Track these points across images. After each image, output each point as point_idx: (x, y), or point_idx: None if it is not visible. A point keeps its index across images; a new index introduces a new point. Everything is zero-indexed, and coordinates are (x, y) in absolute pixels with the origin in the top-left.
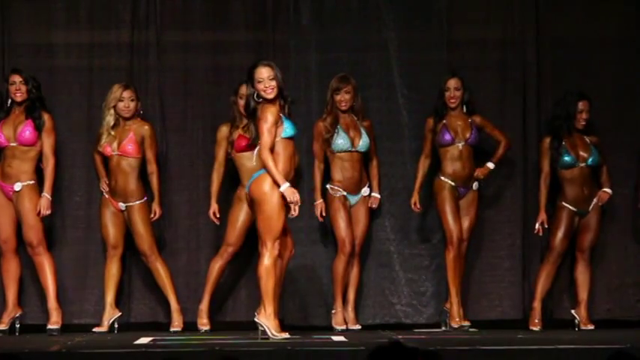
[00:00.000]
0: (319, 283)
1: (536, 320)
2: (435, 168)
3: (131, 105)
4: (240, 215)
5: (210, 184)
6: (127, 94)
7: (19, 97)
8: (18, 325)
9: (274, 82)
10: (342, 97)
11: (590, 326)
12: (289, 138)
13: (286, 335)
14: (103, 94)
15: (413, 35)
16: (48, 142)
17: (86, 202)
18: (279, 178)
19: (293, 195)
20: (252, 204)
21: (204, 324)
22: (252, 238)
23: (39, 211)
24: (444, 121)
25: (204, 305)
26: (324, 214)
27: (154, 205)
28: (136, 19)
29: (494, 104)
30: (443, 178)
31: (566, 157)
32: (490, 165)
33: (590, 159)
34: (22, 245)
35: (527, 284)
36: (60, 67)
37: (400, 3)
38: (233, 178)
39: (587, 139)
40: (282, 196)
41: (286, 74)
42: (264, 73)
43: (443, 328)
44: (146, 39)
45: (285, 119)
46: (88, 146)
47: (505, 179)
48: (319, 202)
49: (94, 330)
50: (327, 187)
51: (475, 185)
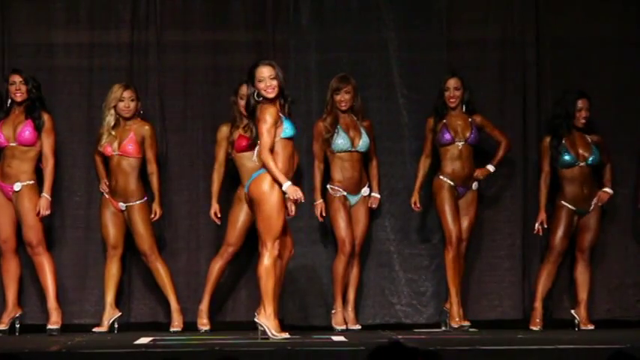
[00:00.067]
0: (319, 283)
1: (537, 320)
2: (436, 168)
3: (131, 105)
4: (241, 215)
5: (211, 184)
6: (127, 94)
7: (19, 97)
8: (18, 325)
9: (275, 82)
10: (342, 97)
11: (590, 326)
12: (289, 138)
13: (286, 335)
14: (103, 94)
15: (413, 35)
16: (47, 142)
17: (86, 202)
18: (280, 177)
19: (295, 192)
20: (252, 204)
21: (204, 324)
22: (252, 238)
23: (38, 212)
24: (444, 121)
25: (204, 305)
26: (324, 214)
27: (154, 205)
28: (136, 19)
29: (494, 104)
30: (442, 177)
31: (566, 156)
32: (490, 167)
33: (591, 158)
34: (21, 245)
35: (527, 284)
36: (60, 67)
37: (400, 3)
38: (233, 178)
39: (589, 137)
40: (284, 195)
41: (286, 74)
42: (265, 72)
43: (443, 328)
44: (146, 39)
45: (285, 119)
46: (87, 146)
47: (505, 179)
48: (319, 202)
49: (94, 330)
50: (327, 187)
51: (475, 185)
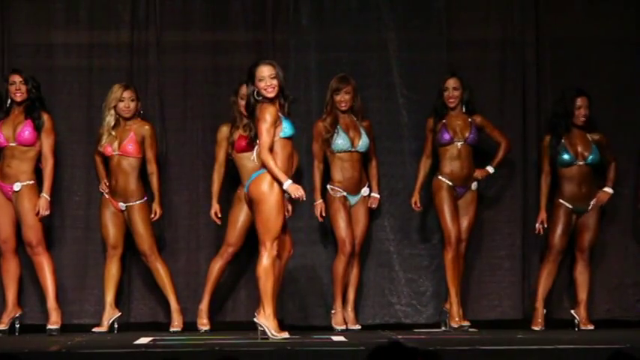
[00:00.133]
0: (319, 283)
1: (539, 320)
2: (436, 168)
3: (131, 105)
4: (241, 215)
5: (211, 184)
6: (127, 94)
7: (18, 97)
8: (18, 325)
9: (276, 81)
10: (342, 98)
11: (590, 326)
12: (288, 138)
13: (286, 335)
14: (102, 94)
15: (412, 35)
16: (47, 143)
17: (86, 202)
18: (280, 176)
19: (297, 191)
20: (251, 204)
21: (204, 324)
22: (252, 238)
23: (38, 212)
24: (443, 121)
25: (204, 305)
26: (323, 214)
27: (154, 205)
28: (136, 19)
29: (493, 104)
30: (440, 177)
31: (565, 155)
32: (490, 169)
33: (590, 157)
34: (21, 245)
35: (527, 284)
36: (60, 67)
37: (400, 3)
38: (234, 178)
39: (590, 136)
40: (285, 194)
41: (286, 74)
42: (265, 71)
43: (443, 328)
44: (146, 39)
45: (284, 119)
46: (87, 146)
47: (505, 179)
48: (319, 202)
49: (93, 330)
50: (328, 187)
51: (474, 185)
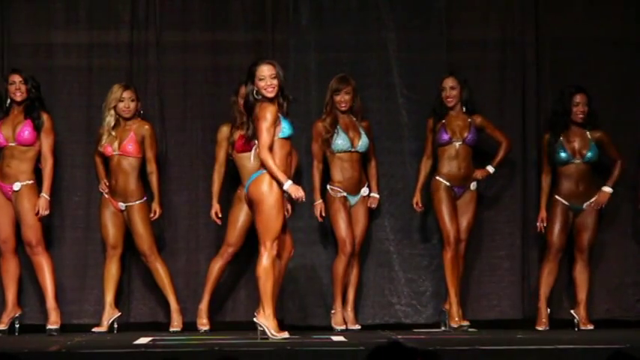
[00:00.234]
0: (319, 283)
1: (543, 320)
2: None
3: (131, 105)
4: (241, 215)
5: (211, 184)
6: (127, 94)
7: (18, 96)
8: (17, 325)
9: (276, 81)
10: (342, 98)
11: (590, 326)
12: (286, 138)
13: (286, 335)
14: (102, 94)
15: (412, 35)
16: (47, 142)
17: (85, 202)
18: (280, 176)
19: (297, 191)
20: (251, 204)
21: (203, 324)
22: (252, 238)
23: (37, 211)
24: (443, 121)
25: (203, 305)
26: (323, 214)
27: (153, 205)
28: (136, 19)
29: (493, 104)
30: (438, 177)
31: (562, 153)
32: (490, 169)
33: (589, 155)
34: (21, 245)
35: (526, 284)
36: (59, 67)
37: (400, 3)
38: (233, 178)
39: (589, 134)
40: (285, 194)
41: (286, 74)
42: (266, 71)
43: (442, 328)
44: (145, 39)
45: (283, 119)
46: (87, 146)
47: (505, 179)
48: (319, 202)
49: (93, 330)
50: (328, 187)
51: (473, 185)
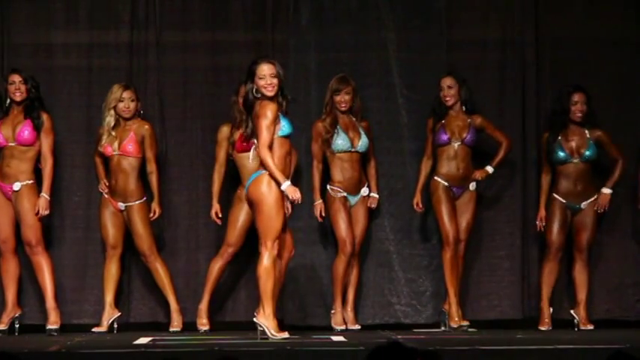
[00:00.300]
0: (319, 283)
1: (546, 320)
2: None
3: (131, 105)
4: (241, 215)
5: (211, 184)
6: (127, 94)
7: (18, 96)
8: (17, 325)
9: (276, 80)
10: (342, 98)
11: (590, 326)
12: (285, 136)
13: (285, 335)
14: (102, 94)
15: (412, 35)
16: (46, 142)
17: (85, 202)
18: (279, 176)
19: (294, 193)
20: (251, 205)
21: (203, 324)
22: (252, 238)
23: (37, 211)
24: (442, 121)
25: (203, 305)
26: (323, 214)
27: (153, 205)
28: (136, 19)
29: (493, 104)
30: (437, 178)
31: (560, 153)
32: (489, 169)
33: (587, 154)
34: (21, 245)
35: (526, 284)
36: (59, 67)
37: (400, 3)
38: (234, 178)
39: (588, 133)
40: (282, 195)
41: (286, 74)
42: (266, 70)
43: (442, 328)
44: (145, 39)
45: (283, 117)
46: (87, 146)
47: (505, 179)
48: (318, 202)
49: (93, 330)
50: (328, 187)
51: (472, 186)
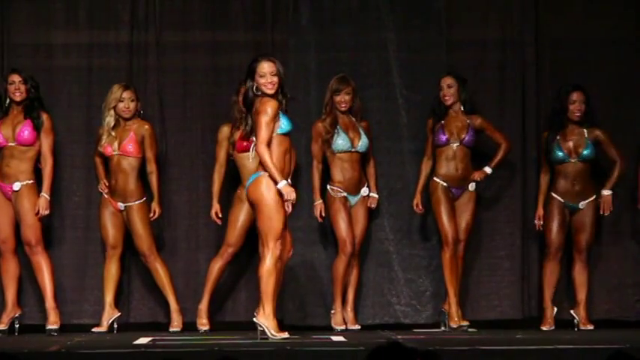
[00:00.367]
0: (319, 283)
1: (549, 320)
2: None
3: (131, 105)
4: (241, 215)
5: (211, 184)
6: (126, 94)
7: (18, 96)
8: (17, 325)
9: (276, 78)
10: (342, 98)
11: (590, 326)
12: (285, 134)
13: (285, 335)
14: (102, 94)
15: (412, 35)
16: (46, 142)
17: (85, 202)
18: (276, 174)
19: (289, 194)
20: (252, 206)
21: (203, 324)
22: (252, 238)
23: (37, 211)
24: (442, 122)
25: (203, 305)
26: (323, 214)
27: (153, 205)
28: (136, 19)
29: (493, 104)
30: (435, 178)
31: (558, 153)
32: (487, 170)
33: (585, 153)
34: (20, 245)
35: (526, 284)
36: (59, 67)
37: (400, 3)
38: (234, 178)
39: (586, 132)
40: (279, 193)
41: (286, 73)
42: (266, 68)
43: (442, 328)
44: (145, 39)
45: (282, 115)
46: (87, 146)
47: (504, 179)
48: (319, 202)
49: (93, 330)
50: (328, 188)
51: (471, 186)
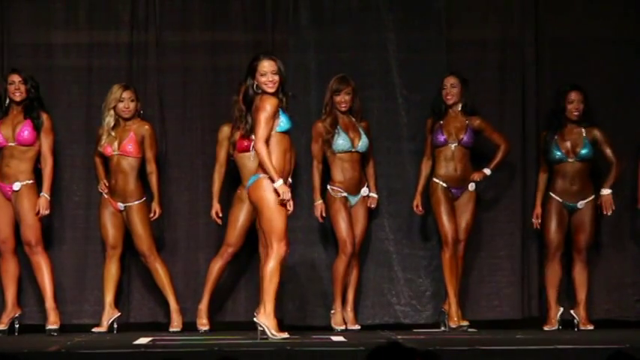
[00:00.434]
0: (319, 283)
1: (553, 320)
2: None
3: (131, 105)
4: (241, 215)
5: (212, 184)
6: (126, 94)
7: (17, 96)
8: (17, 325)
9: (277, 77)
10: (342, 98)
11: (590, 326)
12: (284, 132)
13: (285, 335)
14: (102, 94)
15: (412, 35)
16: (46, 142)
17: (85, 203)
18: (273, 172)
19: (285, 194)
20: (253, 207)
21: (203, 324)
22: (252, 238)
23: (38, 211)
24: (440, 122)
25: (203, 305)
26: (324, 214)
27: (153, 205)
28: (135, 19)
29: (493, 104)
30: (435, 179)
31: (556, 152)
32: (486, 171)
33: (582, 152)
34: (20, 245)
35: (526, 284)
36: (59, 67)
37: (400, 3)
38: (234, 178)
39: (585, 131)
40: (276, 192)
41: (286, 71)
42: (267, 66)
43: (442, 328)
44: (145, 39)
45: (282, 113)
46: (86, 146)
47: (504, 179)
48: (319, 202)
49: (93, 330)
50: (328, 188)
51: (471, 186)
